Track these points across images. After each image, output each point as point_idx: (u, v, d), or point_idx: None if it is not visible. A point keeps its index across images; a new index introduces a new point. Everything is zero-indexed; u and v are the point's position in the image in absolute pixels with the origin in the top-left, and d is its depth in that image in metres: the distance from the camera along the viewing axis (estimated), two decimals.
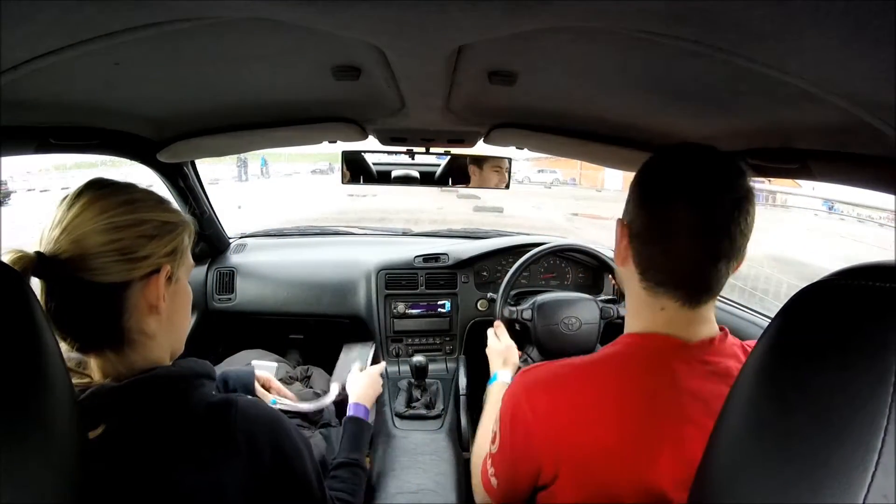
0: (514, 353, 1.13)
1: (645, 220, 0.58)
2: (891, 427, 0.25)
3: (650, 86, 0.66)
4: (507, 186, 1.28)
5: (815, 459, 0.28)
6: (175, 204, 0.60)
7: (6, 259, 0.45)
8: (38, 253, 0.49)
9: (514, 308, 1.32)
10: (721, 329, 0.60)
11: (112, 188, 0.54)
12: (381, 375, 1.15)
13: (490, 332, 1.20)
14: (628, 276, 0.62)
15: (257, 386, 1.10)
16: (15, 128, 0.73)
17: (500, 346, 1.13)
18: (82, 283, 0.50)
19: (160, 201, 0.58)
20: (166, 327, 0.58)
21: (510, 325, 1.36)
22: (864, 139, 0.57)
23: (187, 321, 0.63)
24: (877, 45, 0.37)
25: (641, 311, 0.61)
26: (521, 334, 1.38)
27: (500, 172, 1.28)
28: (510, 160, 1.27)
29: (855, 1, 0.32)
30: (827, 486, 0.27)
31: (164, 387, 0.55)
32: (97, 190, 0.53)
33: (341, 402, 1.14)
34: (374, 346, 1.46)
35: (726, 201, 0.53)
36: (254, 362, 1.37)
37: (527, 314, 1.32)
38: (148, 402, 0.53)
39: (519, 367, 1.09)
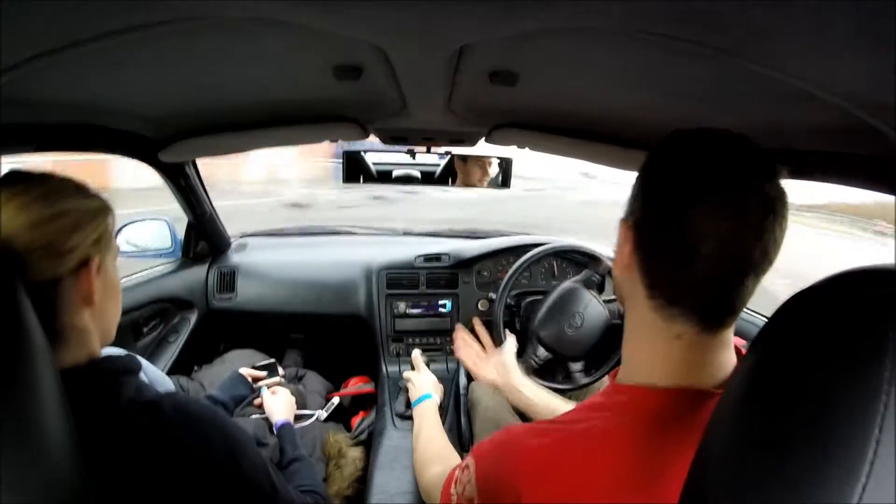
0: (436, 380, 1.25)
1: (657, 223, 0.48)
2: (883, 437, 0.25)
3: (650, 86, 0.66)
4: (508, 186, 1.29)
5: (806, 468, 0.27)
6: (93, 189, 0.59)
7: None
8: None
9: (533, 353, 1.28)
10: (738, 352, 0.50)
11: (27, 182, 0.53)
12: (300, 394, 1.25)
13: (416, 357, 1.31)
14: (632, 288, 0.51)
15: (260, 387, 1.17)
16: (15, 127, 0.73)
17: (428, 375, 1.25)
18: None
19: (78, 188, 0.56)
20: (99, 319, 0.58)
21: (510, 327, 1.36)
22: (864, 139, 0.57)
23: (118, 309, 0.63)
24: (877, 45, 0.37)
25: (651, 340, 0.50)
26: (517, 332, 1.38)
27: (493, 172, 1.28)
28: (510, 160, 1.27)
29: (855, 1, 0.32)
30: (817, 496, 0.26)
31: (90, 383, 0.54)
32: (12, 185, 0.52)
33: None
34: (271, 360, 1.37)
35: (760, 204, 0.44)
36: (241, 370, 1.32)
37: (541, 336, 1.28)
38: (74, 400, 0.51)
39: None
